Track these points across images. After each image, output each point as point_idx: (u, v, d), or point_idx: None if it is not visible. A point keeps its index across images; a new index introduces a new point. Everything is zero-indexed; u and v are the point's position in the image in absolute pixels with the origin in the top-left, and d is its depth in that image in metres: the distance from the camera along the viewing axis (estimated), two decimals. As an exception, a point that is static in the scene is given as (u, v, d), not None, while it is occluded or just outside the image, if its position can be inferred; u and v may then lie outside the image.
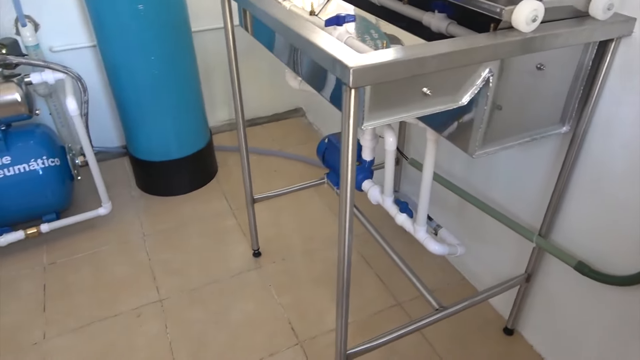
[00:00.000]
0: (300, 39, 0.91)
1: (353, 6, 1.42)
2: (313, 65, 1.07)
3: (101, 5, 1.85)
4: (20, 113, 1.86)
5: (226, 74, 2.65)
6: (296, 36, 0.93)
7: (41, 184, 1.93)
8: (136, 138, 2.18)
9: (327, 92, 1.03)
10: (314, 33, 0.90)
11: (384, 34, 1.29)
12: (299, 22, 0.98)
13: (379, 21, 1.43)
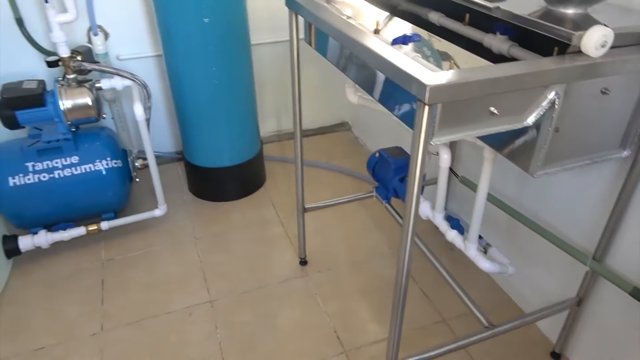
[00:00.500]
0: (376, 56, 0.96)
1: (411, 24, 1.47)
2: (383, 81, 1.11)
3: (170, 18, 1.96)
4: (90, 116, 1.98)
5: (276, 87, 2.74)
6: (371, 54, 0.98)
7: (104, 183, 2.05)
8: (192, 144, 2.28)
9: (394, 106, 1.08)
10: (388, 51, 0.95)
11: (436, 51, 1.34)
12: (371, 40, 1.03)
13: (431, 37, 1.47)
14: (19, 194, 1.94)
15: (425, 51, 1.36)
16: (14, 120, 1.89)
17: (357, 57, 1.20)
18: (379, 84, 1.13)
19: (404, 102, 1.02)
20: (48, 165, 1.96)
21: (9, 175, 1.93)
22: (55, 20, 1.84)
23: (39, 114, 1.91)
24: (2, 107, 1.87)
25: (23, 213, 2.00)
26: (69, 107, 1.92)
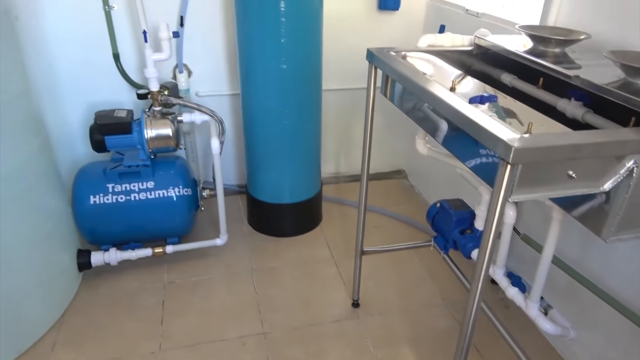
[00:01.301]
0: (461, 116, 1.02)
1: (483, 83, 1.53)
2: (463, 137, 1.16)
3: (251, 63, 2.11)
4: (169, 146, 2.14)
5: (338, 131, 2.85)
6: (456, 113, 1.05)
7: (173, 209, 2.18)
8: (256, 179, 2.39)
9: (470, 161, 1.13)
10: (473, 112, 1.01)
11: (501, 108, 1.39)
12: (453, 99, 1.10)
13: (496, 92, 1.52)
14: (97, 212, 2.09)
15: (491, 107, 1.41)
16: (102, 144, 2.07)
17: (435, 112, 1.27)
18: (457, 138, 1.19)
19: (484, 159, 1.07)
20: (126, 188, 2.11)
21: (91, 194, 2.09)
22: (152, 58, 2.03)
23: (125, 140, 2.08)
24: (94, 132, 2.05)
25: (98, 230, 2.14)
26: (152, 136, 2.08)
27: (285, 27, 1.97)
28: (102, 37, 2.27)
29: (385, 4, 2.50)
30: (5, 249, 1.61)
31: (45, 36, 2.21)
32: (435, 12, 2.53)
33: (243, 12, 2.02)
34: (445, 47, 1.58)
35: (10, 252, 1.64)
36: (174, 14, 2.32)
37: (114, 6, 2.22)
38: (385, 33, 2.62)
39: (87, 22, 2.24)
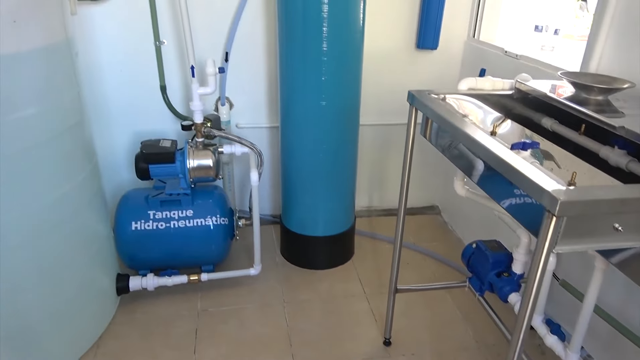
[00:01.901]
0: (506, 164, 1.04)
1: (523, 127, 1.54)
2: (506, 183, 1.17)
3: (292, 99, 2.18)
4: (209, 176, 2.21)
5: (372, 165, 2.87)
6: (500, 161, 1.06)
7: (210, 238, 2.22)
8: (291, 211, 2.42)
9: (512, 208, 1.13)
10: (519, 162, 1.02)
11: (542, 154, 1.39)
12: (497, 146, 1.12)
13: (533, 135, 1.53)
14: (137, 238, 2.16)
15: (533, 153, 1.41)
16: (146, 172, 2.15)
17: (476, 156, 1.28)
18: (497, 183, 1.20)
19: (528, 207, 1.07)
20: (166, 215, 2.18)
21: (133, 220, 2.16)
22: (198, 92, 2.12)
23: (168, 169, 2.16)
24: (139, 160, 2.13)
25: (137, 255, 2.21)
26: (194, 166, 2.16)
27: (327, 66, 2.03)
28: (151, 70, 2.39)
29: (423, 43, 2.55)
30: (51, 270, 1.68)
31: (99, 69, 2.34)
32: (473, 52, 2.56)
33: (286, 50, 2.09)
34: (485, 91, 1.61)
35: (55, 273, 1.71)
36: (219, 49, 2.43)
37: (164, 41, 2.34)
38: (423, 71, 2.66)
39: (138, 55, 2.36)
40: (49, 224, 1.64)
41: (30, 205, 1.55)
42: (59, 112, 1.63)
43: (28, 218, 1.56)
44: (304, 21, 1.98)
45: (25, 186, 1.52)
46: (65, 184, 1.69)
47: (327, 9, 1.91)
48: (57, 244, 1.70)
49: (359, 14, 2.03)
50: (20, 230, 1.54)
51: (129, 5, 2.25)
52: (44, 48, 1.52)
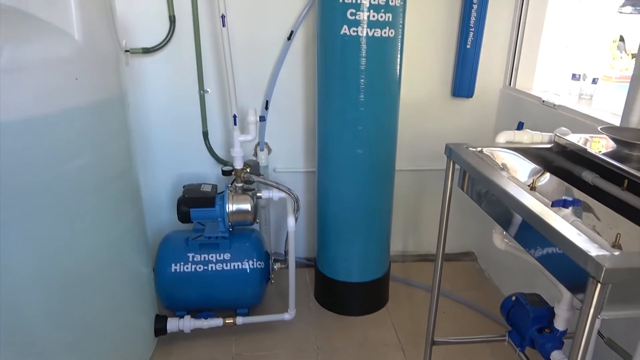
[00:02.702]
0: (545, 225, 1.04)
1: (563, 181, 1.53)
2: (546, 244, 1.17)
3: (329, 147, 2.23)
4: (247, 220, 2.26)
5: (407, 210, 2.87)
6: (539, 220, 1.06)
7: (246, 281, 2.26)
8: (326, 255, 2.44)
9: (554, 269, 1.12)
10: (561, 225, 1.02)
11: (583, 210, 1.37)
12: (538, 206, 1.12)
13: (572, 189, 1.51)
14: (176, 280, 2.21)
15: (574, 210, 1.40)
16: (187, 215, 2.22)
17: (515, 212, 1.28)
18: (539, 242, 1.19)
19: (570, 269, 1.06)
20: (205, 258, 2.23)
21: (173, 262, 2.22)
22: (239, 139, 2.20)
23: (208, 213, 2.23)
24: (181, 204, 2.21)
25: (175, 296, 2.25)
26: (232, 210, 2.22)
27: (363, 116, 2.09)
28: (194, 116, 2.50)
29: (459, 91, 2.58)
30: (94, 311, 1.73)
31: (146, 113, 2.46)
32: (510, 101, 2.58)
33: (324, 100, 2.16)
34: (523, 144, 1.61)
35: (98, 314, 1.76)
36: (259, 97, 2.52)
37: (208, 90, 2.45)
38: (459, 119, 2.68)
39: (183, 102, 2.48)
40: (96, 266, 1.71)
41: (81, 249, 1.63)
42: (111, 160, 1.72)
43: (78, 260, 1.63)
44: (342, 74, 2.05)
45: (76, 230, 1.60)
46: (114, 228, 1.76)
47: (365, 62, 1.97)
48: (103, 286, 1.77)
49: (395, 65, 2.09)
50: (69, 272, 1.61)
51: (176, 56, 2.39)
52: (101, 101, 1.63)
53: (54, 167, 1.47)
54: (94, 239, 1.67)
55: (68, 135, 1.50)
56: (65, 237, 1.56)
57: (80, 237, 1.61)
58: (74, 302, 1.66)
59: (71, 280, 1.63)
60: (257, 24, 2.39)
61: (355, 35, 1.93)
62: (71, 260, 1.60)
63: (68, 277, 1.61)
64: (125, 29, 2.26)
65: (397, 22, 1.98)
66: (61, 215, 1.53)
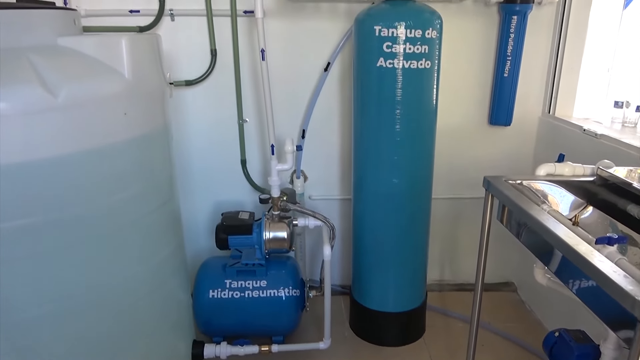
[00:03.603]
0: (589, 265, 1.02)
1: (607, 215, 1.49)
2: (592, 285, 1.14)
3: (365, 176, 2.25)
4: (283, 247, 2.29)
5: (443, 238, 2.84)
6: (583, 261, 1.04)
7: (281, 309, 2.27)
8: (361, 284, 2.43)
9: (599, 309, 1.09)
10: (607, 267, 0.99)
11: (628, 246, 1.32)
12: (576, 240, 1.10)
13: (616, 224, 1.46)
14: (213, 306, 2.25)
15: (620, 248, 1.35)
16: (225, 242, 2.27)
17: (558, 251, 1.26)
18: (583, 282, 1.16)
19: (616, 312, 1.03)
20: (242, 285, 2.26)
21: (210, 288, 2.26)
22: (276, 168, 2.25)
23: (245, 240, 2.27)
24: (220, 231, 2.26)
25: (212, 322, 2.29)
26: (269, 237, 2.25)
27: (399, 145, 2.10)
28: (233, 145, 2.57)
29: (496, 120, 2.56)
30: (134, 336, 1.78)
31: (187, 142, 2.55)
32: (549, 129, 2.54)
33: (360, 129, 2.19)
34: (565, 177, 1.58)
35: (138, 340, 1.80)
36: (296, 126, 2.58)
37: (246, 119, 2.52)
38: (496, 147, 2.66)
39: (222, 132, 2.56)
40: (139, 293, 1.76)
41: (124, 276, 1.68)
42: (155, 190, 1.79)
43: (121, 287, 1.68)
44: (378, 104, 2.07)
45: (121, 259, 1.66)
46: (156, 256, 1.82)
47: (401, 93, 2.00)
48: (144, 311, 1.81)
49: (431, 95, 2.10)
50: (113, 299, 1.67)
51: (217, 87, 2.48)
52: (147, 134, 1.70)
53: (102, 198, 1.54)
54: (137, 267, 1.73)
55: (116, 168, 1.57)
56: (111, 265, 1.62)
57: (124, 265, 1.67)
58: (116, 327, 1.71)
59: (114, 306, 1.68)
60: (295, 56, 2.45)
61: (391, 67, 1.96)
62: (115, 288, 1.65)
63: (111, 303, 1.66)
64: (170, 62, 2.37)
65: (433, 53, 2.00)
66: (108, 245, 1.59)
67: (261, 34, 2.08)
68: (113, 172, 1.56)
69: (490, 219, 1.60)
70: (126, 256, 1.68)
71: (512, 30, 2.36)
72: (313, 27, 2.41)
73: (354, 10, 2.33)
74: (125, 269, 1.68)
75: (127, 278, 1.70)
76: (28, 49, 1.42)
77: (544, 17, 2.46)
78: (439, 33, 2.00)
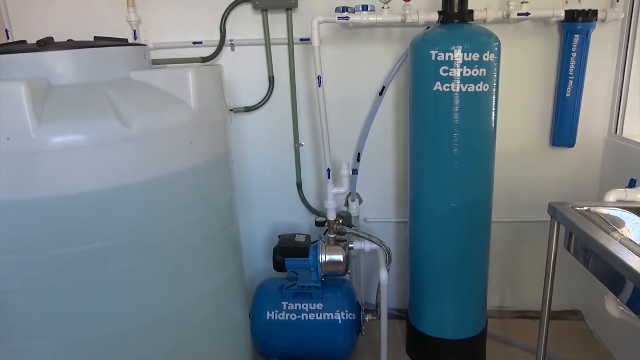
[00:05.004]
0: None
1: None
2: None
3: (421, 199, 2.22)
4: (339, 270, 2.30)
5: (504, 262, 2.75)
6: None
7: (337, 332, 2.27)
8: (418, 309, 2.39)
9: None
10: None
11: None
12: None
13: None
14: (270, 327, 2.28)
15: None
16: (282, 265, 2.31)
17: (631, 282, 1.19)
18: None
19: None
20: (298, 307, 2.28)
21: (267, 309, 2.30)
22: (332, 191, 2.27)
23: (301, 262, 2.30)
24: (277, 253, 2.31)
25: (269, 343, 2.33)
26: (325, 260, 2.27)
27: (457, 169, 2.07)
28: (289, 167, 2.63)
29: (559, 141, 2.47)
30: (195, 357, 1.83)
31: (245, 165, 2.63)
32: (616, 150, 2.42)
33: (416, 152, 2.18)
34: (636, 204, 1.51)
35: (200, 359, 1.86)
36: (351, 150, 2.60)
37: (302, 143, 2.57)
38: (559, 169, 2.56)
39: (279, 155, 2.62)
40: (199, 314, 1.82)
41: (187, 298, 1.75)
42: (217, 214, 1.85)
43: (183, 309, 1.74)
44: (434, 128, 2.06)
45: (184, 282, 1.72)
46: (217, 278, 1.87)
47: (458, 117, 1.97)
48: (204, 332, 1.87)
49: (490, 118, 2.07)
50: (175, 321, 1.73)
51: (274, 113, 2.55)
52: (210, 161, 1.78)
53: (167, 223, 1.61)
54: (199, 289, 1.78)
55: (180, 194, 1.64)
56: (174, 288, 1.69)
57: (187, 288, 1.73)
58: (177, 348, 1.77)
59: (176, 327, 1.74)
60: (349, 81, 2.49)
61: (448, 90, 1.95)
62: (178, 309, 1.72)
63: (174, 325, 1.72)
64: (230, 90, 2.47)
65: (491, 76, 1.97)
66: (172, 267, 1.66)
67: (317, 61, 2.13)
68: (177, 198, 1.64)
69: (556, 247, 1.54)
70: (189, 279, 1.74)
71: (574, 49, 2.29)
72: (367, 52, 2.44)
73: (408, 34, 2.34)
74: (188, 291, 1.74)
75: (190, 300, 1.75)
76: (105, 84, 1.54)
77: (608, 34, 2.37)
78: (496, 55, 1.97)
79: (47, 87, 1.45)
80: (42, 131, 1.34)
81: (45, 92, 1.43)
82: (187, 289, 1.74)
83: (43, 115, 1.36)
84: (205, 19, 2.39)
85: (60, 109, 1.40)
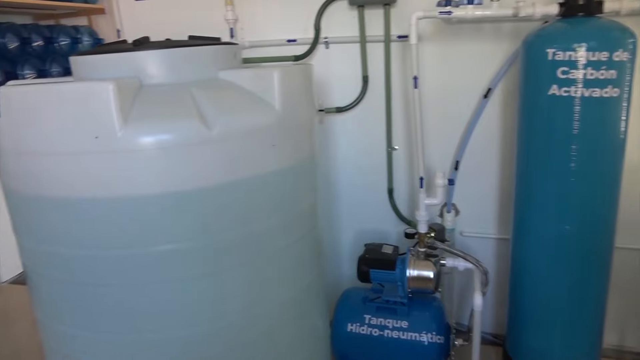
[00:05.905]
0: None
1: None
2: None
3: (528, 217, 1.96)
4: (428, 287, 2.12)
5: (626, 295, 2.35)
6: None
7: (422, 355, 2.09)
8: (519, 339, 2.12)
9: None
10: None
11: None
12: None
13: None
14: (351, 340, 2.17)
15: None
16: (367, 276, 2.19)
17: None
18: None
19: None
20: (381, 323, 2.14)
21: (349, 321, 2.19)
22: (425, 202, 2.09)
23: (387, 275, 2.15)
24: (362, 264, 2.19)
25: (348, 356, 2.21)
26: (413, 275, 2.10)
27: (574, 187, 1.78)
28: (380, 172, 2.49)
29: None
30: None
31: (334, 167, 2.54)
32: None
33: (525, 166, 1.92)
34: None
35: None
36: (448, 158, 2.38)
37: (396, 147, 2.42)
38: None
39: (370, 158, 2.49)
40: (278, 321, 1.76)
41: (266, 304, 1.69)
42: (298, 219, 1.77)
43: (262, 316, 1.69)
44: (548, 138, 1.79)
45: (265, 286, 1.67)
46: (297, 285, 1.80)
47: (579, 126, 1.69)
48: (282, 340, 1.81)
49: (618, 129, 1.75)
50: (255, 325, 1.68)
51: (366, 114, 2.43)
52: (294, 165, 1.70)
53: (248, 227, 1.56)
54: (279, 295, 1.72)
55: (262, 198, 1.58)
56: (254, 292, 1.64)
57: (268, 292, 1.68)
58: (256, 354, 1.73)
59: (255, 332, 1.70)
60: (450, 81, 2.28)
61: (567, 95, 1.68)
62: (258, 314, 1.67)
63: (253, 329, 1.68)
64: (322, 89, 2.39)
65: (623, 79, 1.66)
66: (251, 273, 1.61)
67: (414, 60, 1.97)
68: (259, 202, 1.58)
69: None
70: (271, 283, 1.68)
71: None
72: (472, 50, 2.21)
73: (521, 30, 2.07)
74: (270, 296, 1.68)
75: (269, 305, 1.70)
76: (193, 83, 1.52)
77: None
78: (631, 55, 1.65)
79: (139, 87, 1.47)
80: (128, 131, 1.34)
81: (136, 91, 1.44)
82: (270, 294, 1.68)
83: (130, 115, 1.36)
84: (300, 16, 2.33)
85: (147, 109, 1.40)
